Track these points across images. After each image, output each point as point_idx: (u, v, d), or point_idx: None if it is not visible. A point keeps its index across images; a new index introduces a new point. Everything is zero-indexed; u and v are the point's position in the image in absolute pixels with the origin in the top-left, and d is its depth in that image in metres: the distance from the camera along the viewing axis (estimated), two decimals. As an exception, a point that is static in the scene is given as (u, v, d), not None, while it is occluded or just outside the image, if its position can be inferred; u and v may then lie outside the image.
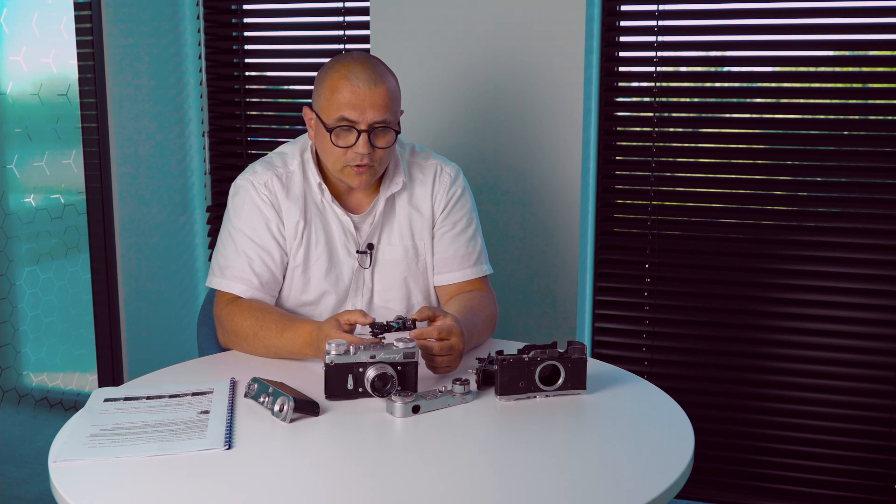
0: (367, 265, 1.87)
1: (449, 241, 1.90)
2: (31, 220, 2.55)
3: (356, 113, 1.70)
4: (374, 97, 1.70)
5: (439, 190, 1.90)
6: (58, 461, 1.28)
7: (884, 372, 2.47)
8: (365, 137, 1.70)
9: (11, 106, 2.47)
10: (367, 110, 1.70)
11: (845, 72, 2.47)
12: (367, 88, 1.70)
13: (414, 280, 1.90)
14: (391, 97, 1.73)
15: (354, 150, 1.71)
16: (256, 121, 2.95)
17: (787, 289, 2.52)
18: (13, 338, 2.50)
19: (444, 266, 1.91)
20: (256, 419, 1.43)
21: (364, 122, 1.70)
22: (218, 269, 1.84)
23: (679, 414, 1.50)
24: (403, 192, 1.87)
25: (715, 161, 2.56)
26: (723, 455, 2.63)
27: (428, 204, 1.89)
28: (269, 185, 1.82)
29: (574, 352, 1.54)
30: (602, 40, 2.56)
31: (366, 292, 1.88)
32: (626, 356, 2.67)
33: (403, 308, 1.90)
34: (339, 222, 1.84)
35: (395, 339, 1.53)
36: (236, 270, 1.81)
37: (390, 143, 1.75)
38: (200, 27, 2.93)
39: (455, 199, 1.91)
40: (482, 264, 1.93)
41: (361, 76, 1.70)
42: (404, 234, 1.88)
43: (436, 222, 1.90)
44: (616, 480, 1.26)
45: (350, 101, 1.70)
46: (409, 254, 1.88)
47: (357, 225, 1.85)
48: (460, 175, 1.93)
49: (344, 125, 1.71)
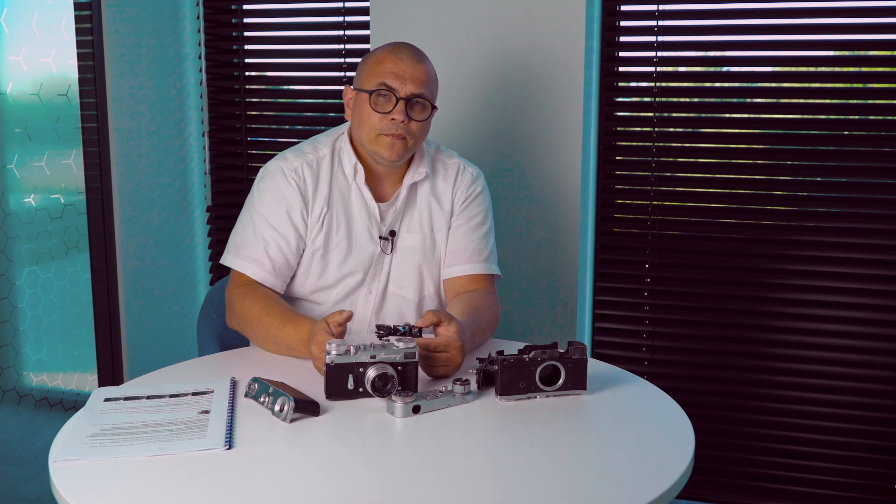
0: (388, 251, 1.91)
1: (463, 234, 1.95)
2: (31, 220, 2.55)
3: (398, 82, 1.78)
4: (415, 71, 1.80)
5: (460, 185, 1.96)
6: (58, 461, 1.28)
7: (884, 372, 2.47)
8: (402, 105, 1.78)
9: (11, 106, 2.47)
10: (407, 81, 1.79)
11: (845, 72, 2.47)
12: (410, 62, 1.80)
13: (428, 269, 1.94)
14: (430, 78, 1.83)
15: (391, 115, 1.78)
16: (256, 121, 2.95)
17: (787, 289, 2.52)
18: (13, 338, 2.50)
19: (455, 258, 1.94)
20: (257, 419, 1.43)
21: (403, 91, 1.78)
22: (234, 248, 1.88)
23: (679, 414, 1.50)
24: (426, 181, 1.93)
25: (715, 161, 2.56)
26: (723, 455, 2.63)
27: (448, 198, 1.95)
28: (300, 171, 1.87)
29: (574, 352, 1.54)
30: (602, 40, 2.56)
31: (382, 278, 1.92)
32: (626, 356, 2.67)
33: (415, 296, 1.94)
34: (364, 207, 1.89)
35: (395, 339, 1.53)
36: (252, 252, 1.85)
37: (425, 117, 1.82)
38: (200, 27, 2.93)
39: (474, 196, 1.97)
40: (492, 263, 1.97)
41: (406, 53, 1.82)
42: (423, 223, 1.93)
43: (454, 215, 1.95)
44: (616, 481, 1.26)
45: (393, 70, 1.79)
46: (426, 242, 1.93)
47: (382, 213, 1.90)
48: (481, 176, 2.01)
49: (384, 90, 1.79)
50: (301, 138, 2.91)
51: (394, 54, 1.81)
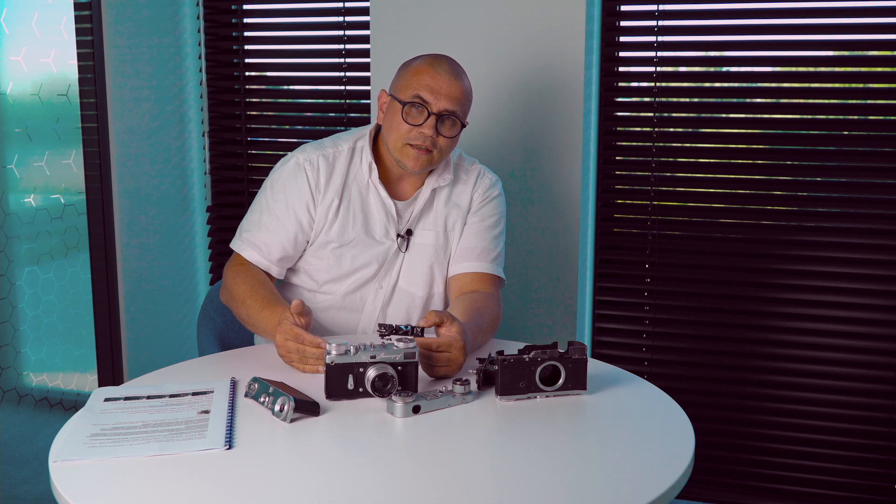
0: (404, 249, 1.94)
1: (475, 233, 1.98)
2: (31, 220, 2.55)
3: (432, 96, 1.81)
4: (451, 87, 1.82)
5: (479, 188, 2.00)
6: (58, 461, 1.28)
7: (884, 372, 2.47)
8: (433, 120, 1.81)
9: (11, 106, 2.47)
10: (442, 97, 1.81)
11: (845, 72, 2.47)
12: (447, 78, 1.82)
13: (439, 267, 1.97)
14: (465, 96, 1.85)
15: (421, 129, 1.81)
16: (256, 121, 2.95)
17: (788, 289, 2.52)
18: (13, 338, 2.50)
19: (464, 255, 1.97)
20: (257, 419, 1.43)
21: (437, 106, 1.81)
22: (239, 230, 1.95)
23: (679, 414, 1.50)
24: (446, 188, 1.96)
25: (715, 161, 2.56)
26: (723, 455, 2.63)
27: (467, 198, 1.99)
28: (314, 162, 1.90)
29: (574, 352, 1.54)
30: (602, 40, 2.56)
31: (394, 275, 1.95)
32: (626, 356, 2.67)
33: (425, 293, 1.97)
34: (381, 205, 1.92)
35: (395, 339, 1.53)
36: (253, 237, 1.90)
37: (454, 134, 1.85)
38: (200, 27, 2.93)
39: (490, 199, 2.00)
40: (499, 266, 2.00)
41: (445, 68, 1.84)
42: (438, 223, 1.96)
43: (470, 214, 1.98)
44: (616, 481, 1.26)
45: (430, 84, 1.81)
46: (439, 241, 1.96)
47: (399, 211, 1.93)
48: (499, 184, 2.05)
49: (418, 103, 1.81)
50: (301, 138, 2.92)
51: (433, 67, 1.83)
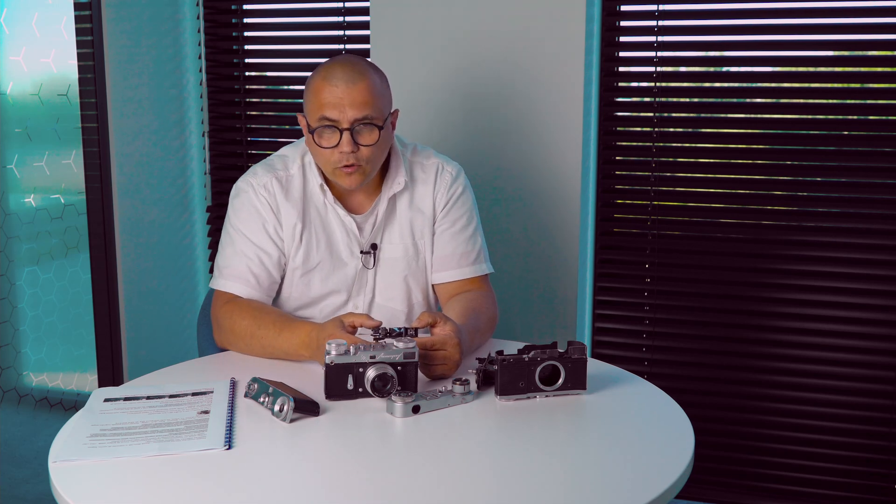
0: (370, 265, 1.87)
1: (448, 239, 1.90)
2: (31, 220, 2.55)
3: (336, 112, 1.70)
4: (352, 95, 1.70)
5: (440, 188, 1.90)
6: (58, 461, 1.28)
7: (884, 372, 2.47)
8: (347, 136, 1.71)
9: (11, 106, 2.47)
10: (346, 108, 1.70)
11: (845, 72, 2.47)
12: (344, 87, 1.70)
13: (414, 278, 1.90)
14: (373, 94, 1.72)
15: (338, 149, 1.72)
16: (256, 121, 2.95)
17: (788, 289, 2.52)
18: (13, 338, 2.50)
19: (443, 264, 1.90)
20: (256, 419, 1.43)
21: (345, 121, 1.71)
22: (217, 270, 1.86)
23: (679, 414, 1.50)
24: (405, 191, 1.88)
25: (715, 161, 2.56)
26: (723, 455, 2.63)
27: (429, 203, 1.89)
28: (269, 187, 1.83)
29: (574, 352, 1.54)
30: (602, 40, 2.56)
31: (368, 292, 1.89)
32: (626, 356, 2.67)
33: (404, 306, 1.91)
34: (341, 223, 1.85)
35: (394, 339, 1.53)
36: (234, 270, 1.82)
37: (375, 140, 1.73)
38: (200, 27, 2.93)
39: (456, 197, 1.91)
40: (482, 263, 1.93)
41: (339, 75, 1.71)
42: (405, 233, 1.88)
43: (436, 220, 1.90)
44: (616, 481, 1.26)
45: (329, 100, 1.71)
46: (409, 252, 1.89)
47: (359, 225, 1.85)
48: (461, 174, 1.94)
49: (326, 124, 1.72)
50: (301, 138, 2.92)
51: (327, 81, 1.71)
